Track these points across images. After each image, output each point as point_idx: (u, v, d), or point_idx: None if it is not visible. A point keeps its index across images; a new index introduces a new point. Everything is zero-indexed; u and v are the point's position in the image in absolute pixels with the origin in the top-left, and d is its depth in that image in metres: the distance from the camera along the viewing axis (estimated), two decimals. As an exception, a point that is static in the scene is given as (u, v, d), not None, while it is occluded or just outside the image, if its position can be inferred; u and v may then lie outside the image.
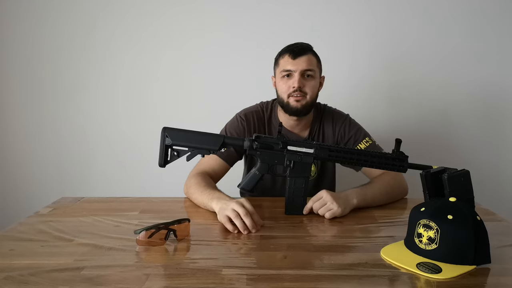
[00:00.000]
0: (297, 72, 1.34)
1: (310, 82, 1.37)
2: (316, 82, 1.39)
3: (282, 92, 1.39)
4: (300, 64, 1.35)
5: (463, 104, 2.02)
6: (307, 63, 1.35)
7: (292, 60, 1.35)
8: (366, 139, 1.44)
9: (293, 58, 1.35)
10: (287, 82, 1.37)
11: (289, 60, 1.36)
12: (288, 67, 1.36)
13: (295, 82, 1.34)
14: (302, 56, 1.35)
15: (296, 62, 1.35)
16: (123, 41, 1.99)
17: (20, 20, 1.97)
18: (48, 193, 1.70)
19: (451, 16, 1.95)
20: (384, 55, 2.00)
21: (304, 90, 1.36)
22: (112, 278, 0.80)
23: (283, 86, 1.38)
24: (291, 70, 1.35)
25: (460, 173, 1.00)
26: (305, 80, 1.36)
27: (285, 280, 0.80)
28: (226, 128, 1.47)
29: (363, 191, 1.24)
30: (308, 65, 1.35)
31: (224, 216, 1.06)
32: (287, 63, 1.36)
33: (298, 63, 1.35)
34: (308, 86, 1.36)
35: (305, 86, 1.36)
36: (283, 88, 1.38)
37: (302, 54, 1.35)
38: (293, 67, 1.35)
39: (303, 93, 1.36)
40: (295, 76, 1.35)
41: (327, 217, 1.14)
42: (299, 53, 1.35)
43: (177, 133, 1.15)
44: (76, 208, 1.25)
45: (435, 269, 0.82)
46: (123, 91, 2.03)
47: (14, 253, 0.91)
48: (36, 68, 2.01)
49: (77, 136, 2.07)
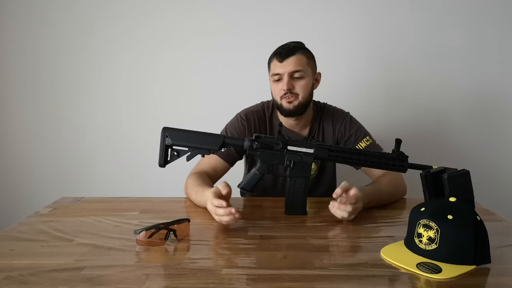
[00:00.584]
0: (285, 75, 1.35)
1: (300, 82, 1.36)
2: (307, 81, 1.38)
3: (275, 95, 1.40)
4: (288, 66, 1.34)
5: (462, 104, 2.02)
6: (295, 64, 1.35)
7: (280, 63, 1.35)
8: (366, 137, 1.44)
9: (280, 61, 1.35)
10: (278, 85, 1.37)
11: (277, 64, 1.36)
12: (277, 70, 1.36)
13: (284, 85, 1.35)
14: (290, 58, 1.35)
15: (284, 64, 1.35)
16: (123, 41, 1.99)
17: (20, 20, 1.97)
18: (48, 193, 1.70)
19: (449, 16, 1.95)
20: (383, 55, 2.00)
21: (294, 91, 1.36)
22: (112, 278, 0.80)
23: (275, 89, 1.39)
24: (280, 73, 1.36)
25: (460, 173, 1.00)
26: (295, 81, 1.36)
27: (285, 280, 0.80)
28: (227, 128, 1.47)
29: (371, 196, 1.21)
30: (295, 66, 1.35)
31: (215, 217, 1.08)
32: (276, 67, 1.37)
33: (285, 66, 1.34)
34: (298, 86, 1.36)
35: (295, 87, 1.36)
36: (275, 91, 1.39)
37: (289, 56, 1.35)
38: (281, 70, 1.35)
39: (294, 94, 1.36)
40: (284, 79, 1.35)
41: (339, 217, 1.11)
42: (286, 55, 1.35)
43: (177, 133, 1.15)
44: (76, 208, 1.25)
45: (435, 269, 0.82)
46: (123, 91, 2.04)
47: (14, 253, 0.91)
48: (36, 68, 2.01)
49: (77, 136, 2.07)
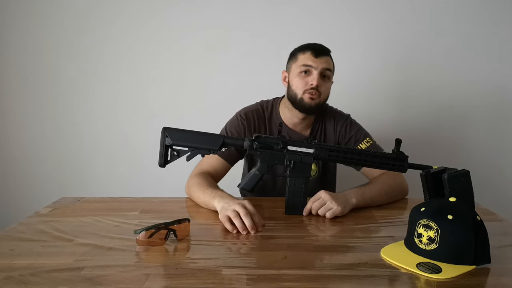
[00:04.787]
0: (317, 70, 1.34)
1: (326, 83, 1.38)
2: (330, 84, 1.40)
3: (297, 88, 1.37)
4: (322, 63, 1.35)
5: (463, 104, 2.02)
6: (328, 63, 1.37)
7: (314, 58, 1.35)
8: (367, 139, 1.44)
9: (315, 56, 1.35)
10: (305, 78, 1.36)
11: (311, 57, 1.35)
12: (309, 62, 1.35)
13: (314, 79, 1.34)
14: (324, 56, 1.36)
15: (318, 60, 1.35)
16: (122, 41, 1.99)
17: (20, 20, 1.97)
18: (48, 193, 1.70)
19: (451, 15, 1.95)
20: (383, 55, 2.00)
21: (320, 89, 1.36)
22: (112, 278, 0.80)
23: (299, 81, 1.36)
24: (312, 67, 1.34)
25: (460, 173, 1.00)
26: (323, 80, 1.37)
27: (285, 280, 0.80)
28: (227, 127, 1.46)
29: (362, 191, 1.24)
30: (328, 65, 1.36)
31: (224, 215, 1.06)
32: (309, 60, 1.35)
33: (320, 62, 1.35)
34: (324, 86, 1.37)
35: (321, 86, 1.36)
36: (299, 83, 1.36)
37: (323, 54, 1.36)
38: (315, 64, 1.34)
39: (318, 92, 1.36)
40: (315, 74, 1.34)
41: (327, 216, 1.14)
42: (321, 53, 1.36)
43: (177, 133, 1.14)
44: (76, 208, 1.25)
45: (435, 269, 0.82)
46: (123, 91, 2.04)
47: (14, 253, 0.91)
48: (36, 68, 2.01)
49: (77, 136, 2.07)
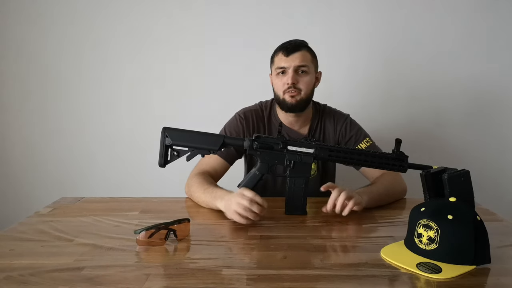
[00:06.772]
0: (290, 69, 1.35)
1: (304, 78, 1.38)
2: (310, 77, 1.39)
3: (277, 89, 1.40)
4: (293, 60, 1.36)
5: (463, 104, 2.02)
6: (300, 59, 1.36)
7: (286, 57, 1.36)
8: (366, 139, 1.44)
9: (286, 55, 1.36)
10: (282, 79, 1.38)
11: (282, 58, 1.37)
12: (282, 64, 1.37)
13: (289, 78, 1.35)
14: (296, 53, 1.36)
15: (290, 59, 1.36)
16: (123, 41, 1.99)
17: (20, 20, 1.97)
18: (48, 193, 1.70)
19: (449, 15, 1.94)
20: (383, 55, 2.00)
21: (298, 86, 1.37)
22: (112, 278, 0.80)
23: (278, 83, 1.39)
24: (285, 67, 1.36)
25: (460, 173, 1.00)
26: (299, 76, 1.37)
27: (285, 280, 0.80)
28: (226, 127, 1.47)
29: (370, 191, 1.23)
30: (301, 61, 1.36)
31: (233, 213, 1.07)
32: (281, 60, 1.37)
33: (291, 60, 1.36)
34: (302, 82, 1.37)
35: (299, 82, 1.37)
36: (278, 85, 1.39)
37: (295, 51, 1.37)
38: (287, 63, 1.36)
39: (297, 89, 1.36)
40: (289, 73, 1.36)
41: (356, 208, 1.13)
42: (292, 50, 1.36)
43: (177, 133, 1.14)
44: (76, 208, 1.25)
45: (435, 269, 0.82)
46: (123, 91, 2.03)
47: (14, 253, 0.91)
48: (37, 68, 2.01)
49: (77, 136, 2.07)
